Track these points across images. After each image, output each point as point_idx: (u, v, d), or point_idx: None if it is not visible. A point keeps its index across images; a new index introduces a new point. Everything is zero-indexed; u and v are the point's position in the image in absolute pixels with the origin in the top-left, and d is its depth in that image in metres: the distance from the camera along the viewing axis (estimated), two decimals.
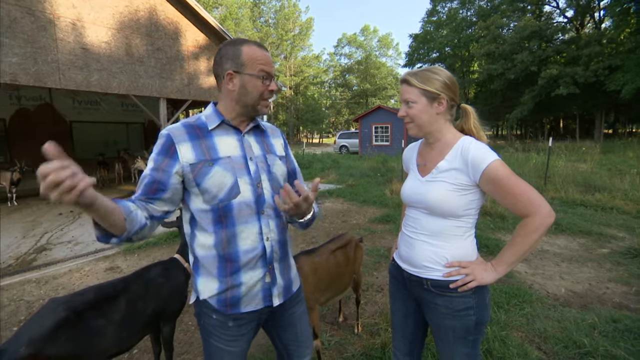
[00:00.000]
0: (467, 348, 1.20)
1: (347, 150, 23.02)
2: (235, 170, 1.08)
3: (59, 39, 5.59)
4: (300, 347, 1.30)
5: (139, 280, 1.83)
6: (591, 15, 25.63)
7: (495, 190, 1.09)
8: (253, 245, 1.09)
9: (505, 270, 1.13)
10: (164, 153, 1.05)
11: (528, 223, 1.06)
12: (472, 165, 1.10)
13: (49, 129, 10.21)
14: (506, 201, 1.09)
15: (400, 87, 1.22)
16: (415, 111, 1.18)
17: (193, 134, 1.07)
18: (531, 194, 1.06)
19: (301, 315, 1.29)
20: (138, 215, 0.98)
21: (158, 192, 1.04)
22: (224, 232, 1.07)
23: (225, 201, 1.06)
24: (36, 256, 4.23)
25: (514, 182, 1.06)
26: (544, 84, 21.86)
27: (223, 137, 1.10)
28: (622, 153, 13.26)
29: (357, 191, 8.18)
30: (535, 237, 1.05)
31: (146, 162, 7.62)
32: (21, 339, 1.38)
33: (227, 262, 1.08)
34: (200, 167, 1.04)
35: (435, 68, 1.19)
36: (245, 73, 1.06)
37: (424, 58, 36.72)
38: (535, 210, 1.05)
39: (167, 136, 1.06)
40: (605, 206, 5.84)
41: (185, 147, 1.05)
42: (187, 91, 7.61)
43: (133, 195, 1.06)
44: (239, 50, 1.06)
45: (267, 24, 43.29)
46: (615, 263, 3.64)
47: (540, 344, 2.28)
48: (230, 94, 1.09)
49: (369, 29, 48.24)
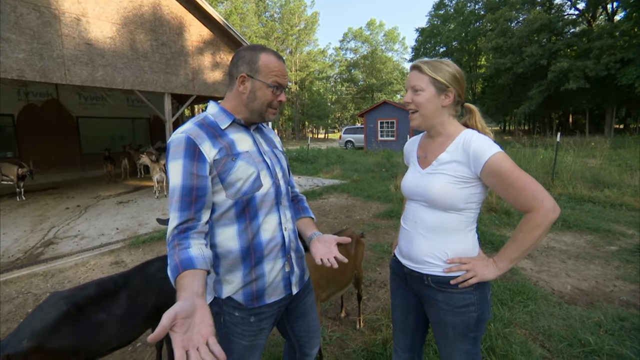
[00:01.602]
0: (468, 345, 1.18)
1: (352, 145, 22.94)
2: (256, 164, 1.10)
3: (64, 35, 5.61)
4: (311, 337, 1.34)
5: (140, 274, 1.84)
6: (603, 7, 24.98)
7: (498, 183, 1.06)
8: (274, 235, 1.13)
9: (507, 267, 1.10)
10: (190, 156, 1.00)
11: (531, 218, 1.03)
12: (473, 158, 1.07)
13: (56, 125, 10.34)
14: (508, 194, 1.06)
15: (410, 73, 1.19)
16: (421, 99, 1.15)
17: (209, 132, 1.06)
18: (534, 187, 1.02)
19: (312, 305, 1.34)
20: (205, 254, 0.94)
21: (199, 200, 1.00)
22: (249, 225, 1.09)
23: (249, 193, 1.08)
24: (44, 250, 4.29)
25: (517, 175, 1.03)
26: (553, 78, 21.46)
27: (237, 134, 1.12)
28: (633, 148, 12.99)
29: (361, 186, 8.15)
30: (538, 233, 1.02)
31: (150, 158, 7.69)
32: (23, 332, 1.39)
33: (252, 254, 1.09)
34: (224, 162, 1.04)
35: (446, 60, 1.17)
36: (258, 79, 1.08)
37: (430, 52, 36.30)
38: (538, 205, 1.01)
39: (187, 139, 1.01)
40: (615, 203, 5.73)
41: (207, 145, 1.03)
42: (192, 86, 7.62)
43: (175, 227, 0.95)
44: (257, 56, 1.08)
45: (273, 19, 43.10)
46: (623, 261, 3.58)
47: (544, 342, 2.25)
48: (240, 96, 1.11)
49: (375, 23, 47.75)
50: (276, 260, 1.13)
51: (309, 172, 11.29)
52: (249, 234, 1.08)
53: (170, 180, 1.01)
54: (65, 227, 5.28)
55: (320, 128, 54.83)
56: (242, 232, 1.08)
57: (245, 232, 1.08)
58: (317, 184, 8.94)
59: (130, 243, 4.44)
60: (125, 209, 6.41)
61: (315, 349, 1.38)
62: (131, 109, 12.30)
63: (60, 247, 4.40)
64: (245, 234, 1.08)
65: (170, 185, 1.02)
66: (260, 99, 1.10)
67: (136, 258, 3.99)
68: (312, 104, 43.73)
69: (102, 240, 4.62)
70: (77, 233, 4.95)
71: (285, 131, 50.16)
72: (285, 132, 49.99)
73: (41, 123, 9.95)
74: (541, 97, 23.20)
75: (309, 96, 45.07)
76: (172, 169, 1.01)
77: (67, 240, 4.64)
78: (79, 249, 4.30)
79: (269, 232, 1.12)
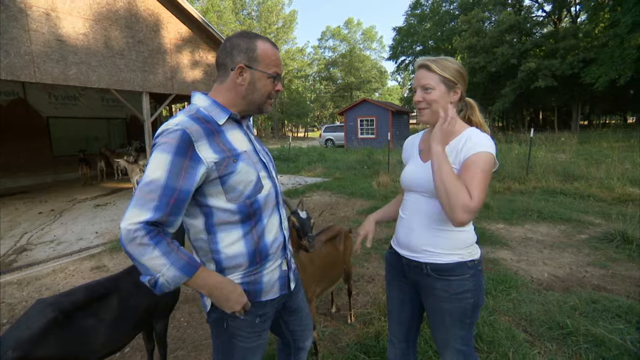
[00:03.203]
0: (463, 331, 1.24)
1: (332, 143, 23.03)
2: (254, 164, 1.05)
3: (32, 30, 5.33)
4: (304, 330, 1.36)
5: (130, 277, 1.79)
6: (568, 9, 26.34)
7: (469, 167, 1.10)
8: (276, 235, 1.12)
9: (437, 149, 1.11)
10: (182, 154, 0.89)
11: (465, 194, 1.04)
12: (470, 146, 1.13)
13: (24, 125, 9.81)
14: (465, 177, 1.09)
15: (417, 72, 1.22)
16: (433, 97, 1.19)
17: (207, 129, 0.96)
18: (483, 194, 1.07)
19: (303, 299, 1.36)
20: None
21: (178, 205, 0.90)
22: (254, 228, 1.06)
23: (252, 197, 1.03)
24: (16, 257, 4.07)
25: (486, 177, 1.09)
26: (523, 77, 22.39)
27: (232, 132, 1.04)
28: (597, 143, 13.78)
29: (344, 184, 8.22)
30: (451, 190, 1.04)
31: (128, 159, 7.42)
32: (8, 342, 1.33)
33: (257, 257, 1.07)
34: (225, 165, 0.97)
35: (450, 58, 1.22)
36: (258, 70, 1.02)
37: (407, 51, 36.95)
38: (473, 200, 1.04)
39: (182, 132, 0.90)
40: (583, 194, 6.08)
41: (204, 145, 0.94)
42: (171, 85, 7.42)
43: (146, 221, 0.85)
44: (254, 44, 1.02)
45: (250, 17, 42.47)
46: (593, 248, 3.81)
47: (527, 327, 2.37)
48: (237, 88, 1.04)
49: (353, 22, 48.01)
50: (276, 259, 1.13)
51: (291, 171, 11.26)
52: (254, 238, 1.05)
53: (148, 172, 0.89)
54: (39, 232, 5.04)
55: (300, 127, 54.62)
56: (248, 236, 1.04)
57: (252, 236, 1.05)
58: (300, 182, 8.94)
59: (111, 247, 4.29)
60: (104, 212, 6.18)
61: (308, 341, 1.40)
62: (106, 109, 11.83)
63: (35, 253, 4.19)
64: (252, 238, 1.05)
65: (145, 177, 0.88)
66: (260, 90, 1.05)
67: (119, 262, 3.86)
68: (292, 102, 43.49)
69: (81, 244, 4.44)
70: (53, 238, 4.73)
71: (264, 130, 49.68)
72: (264, 131, 49.52)
73: (6, 124, 9.40)
74: (514, 94, 24.16)
75: (288, 95, 44.78)
76: (155, 161, 0.89)
77: (42, 246, 4.42)
78: (56, 254, 4.11)
79: (272, 233, 1.10)
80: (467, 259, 1.21)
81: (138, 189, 0.89)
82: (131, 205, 0.87)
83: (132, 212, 0.86)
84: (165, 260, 0.87)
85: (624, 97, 26.29)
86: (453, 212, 1.04)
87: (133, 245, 0.85)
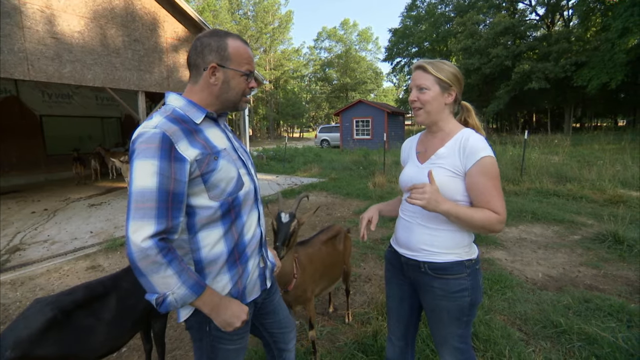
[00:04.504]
0: (461, 329, 1.26)
1: (328, 144, 23.08)
2: (234, 162, 1.06)
3: (26, 27, 5.27)
4: (284, 332, 1.35)
5: (129, 276, 1.79)
6: (561, 13, 26.70)
7: (481, 182, 1.15)
8: (254, 233, 1.13)
9: (445, 210, 1.12)
10: (166, 157, 0.89)
11: (492, 215, 1.14)
12: (468, 153, 1.16)
13: (17, 124, 9.67)
14: (483, 196, 1.15)
15: (414, 73, 1.26)
16: (427, 97, 1.22)
17: (185, 128, 0.96)
18: (503, 201, 1.16)
19: (280, 301, 1.35)
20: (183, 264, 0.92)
21: (176, 208, 0.91)
22: (234, 225, 1.06)
23: (234, 194, 1.04)
24: (9, 257, 4.02)
25: (498, 183, 1.17)
26: (517, 79, 22.65)
27: (210, 130, 1.05)
28: (589, 145, 13.99)
29: (340, 184, 8.24)
30: (483, 224, 1.14)
31: (121, 159, 7.35)
32: (7, 341, 1.33)
33: (237, 254, 1.07)
34: (207, 162, 0.97)
35: (447, 61, 1.25)
36: (230, 68, 1.02)
37: (403, 52, 37.11)
38: (501, 214, 1.15)
39: (162, 136, 0.89)
40: (576, 195, 6.17)
41: (184, 144, 0.93)
42: (167, 84, 7.38)
43: (151, 235, 0.85)
44: (225, 43, 1.01)
45: (246, 17, 42.37)
46: (585, 248, 3.87)
47: (522, 326, 2.41)
48: (210, 88, 1.03)
49: (349, 23, 48.16)
50: (256, 257, 1.14)
51: (286, 171, 11.25)
52: (234, 235, 1.05)
53: (136, 181, 0.87)
54: (32, 232, 4.98)
55: (295, 127, 54.60)
56: (228, 234, 1.04)
57: (231, 233, 1.05)
58: (296, 182, 8.95)
59: (106, 246, 4.26)
60: (99, 212, 6.12)
61: (291, 344, 1.38)
62: (100, 108, 11.72)
63: (28, 253, 4.15)
64: (232, 235, 1.05)
65: (135, 187, 0.87)
66: (234, 88, 1.04)
67: (114, 262, 3.84)
68: (287, 102, 43.45)
69: (76, 244, 4.40)
70: (47, 238, 4.68)
71: (260, 130, 49.56)
72: (260, 132, 49.39)
73: None
74: (508, 96, 24.41)
75: (284, 95, 44.76)
76: (140, 169, 0.87)
77: (35, 246, 4.38)
78: (50, 254, 4.07)
79: (251, 230, 1.11)
80: (464, 258, 1.23)
81: (132, 200, 0.87)
82: (130, 217, 0.86)
83: (135, 224, 0.85)
84: (177, 279, 0.87)
85: (615, 100, 26.73)
86: (493, 231, 1.17)
87: (145, 262, 0.84)
